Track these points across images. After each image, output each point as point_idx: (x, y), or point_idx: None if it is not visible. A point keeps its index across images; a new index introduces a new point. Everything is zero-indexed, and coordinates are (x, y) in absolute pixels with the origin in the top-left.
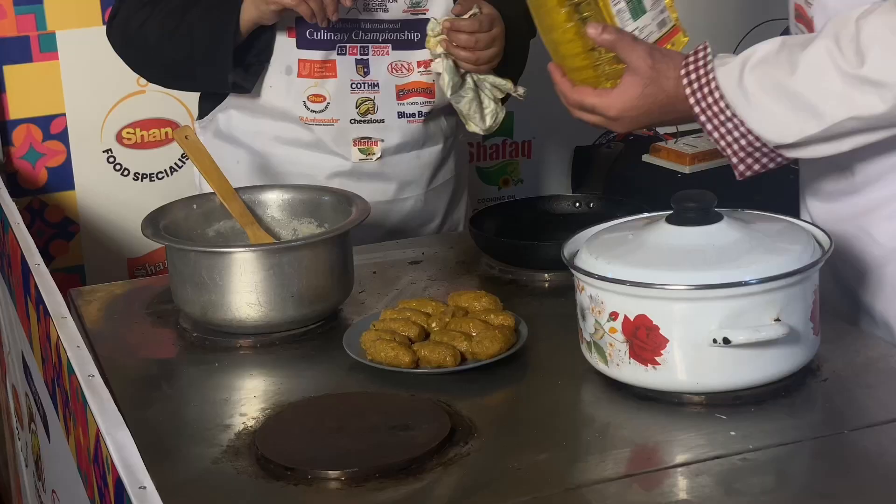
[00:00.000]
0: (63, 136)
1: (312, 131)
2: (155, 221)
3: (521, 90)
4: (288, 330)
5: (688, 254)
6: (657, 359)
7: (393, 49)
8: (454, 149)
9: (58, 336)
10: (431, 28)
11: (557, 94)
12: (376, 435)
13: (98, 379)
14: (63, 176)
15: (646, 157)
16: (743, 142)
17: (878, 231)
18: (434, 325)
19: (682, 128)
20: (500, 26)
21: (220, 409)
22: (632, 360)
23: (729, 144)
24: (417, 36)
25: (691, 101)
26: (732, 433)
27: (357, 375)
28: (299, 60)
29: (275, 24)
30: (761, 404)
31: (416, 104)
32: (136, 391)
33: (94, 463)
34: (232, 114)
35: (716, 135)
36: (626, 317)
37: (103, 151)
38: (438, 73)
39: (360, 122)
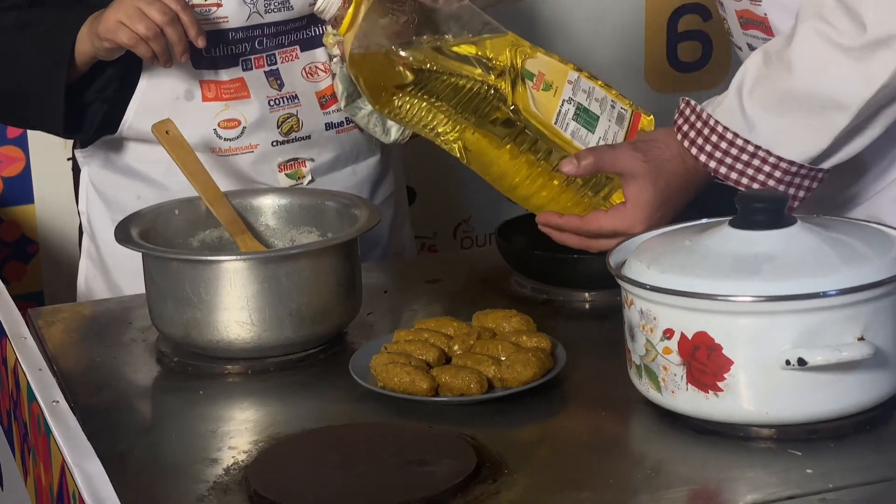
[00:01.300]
0: (21, 142)
1: (228, 162)
2: (128, 227)
3: None
4: (284, 354)
5: (756, 262)
6: (719, 384)
7: (302, 50)
8: (392, 157)
9: (16, 359)
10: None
11: (562, 243)
12: (389, 471)
13: (63, 404)
14: (21, 187)
15: None
16: (778, 174)
17: None
18: (456, 347)
19: None
20: None
21: (206, 442)
22: (689, 385)
23: (764, 184)
24: (325, 29)
25: (709, 163)
26: (808, 471)
27: (366, 405)
28: (201, 82)
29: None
30: (842, 439)
31: (343, 111)
32: (107, 423)
33: (58, 502)
34: (125, 141)
35: (745, 181)
36: (682, 335)
37: (68, 160)
38: (334, 74)
39: (283, 142)
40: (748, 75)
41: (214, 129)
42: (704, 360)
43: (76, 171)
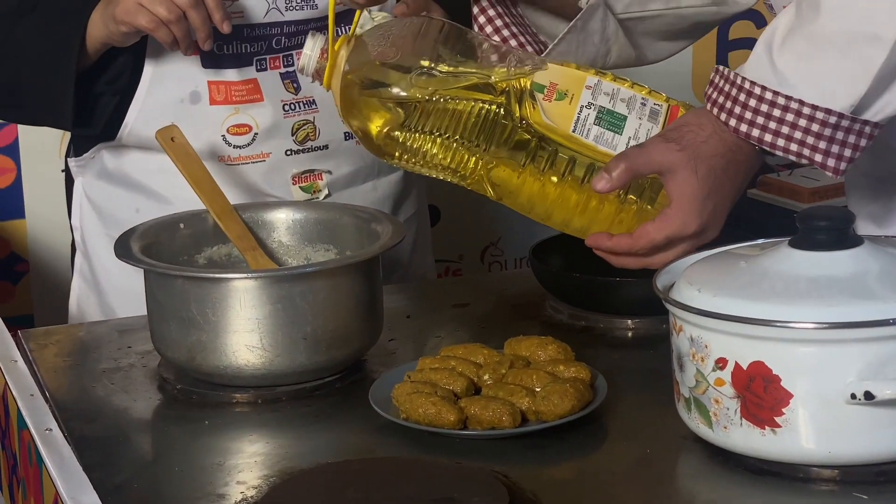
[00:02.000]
0: (12, 151)
1: (237, 172)
2: (128, 242)
3: None
4: (298, 382)
5: (818, 285)
6: (777, 420)
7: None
8: (416, 175)
9: (6, 383)
10: (360, 24)
11: (618, 265)
12: None
13: (57, 432)
14: (10, 200)
15: (752, 193)
16: (815, 127)
17: None
18: (487, 377)
19: None
20: None
21: (212, 476)
22: (744, 421)
23: (803, 143)
24: (347, 28)
25: (740, 127)
26: None
27: (387, 438)
28: (209, 83)
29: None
30: None
31: None
32: (104, 454)
33: None
34: (124, 148)
35: (781, 142)
36: (737, 364)
37: (62, 171)
38: None
39: (298, 152)
40: (779, 28)
41: (223, 136)
42: (761, 393)
43: (69, 182)
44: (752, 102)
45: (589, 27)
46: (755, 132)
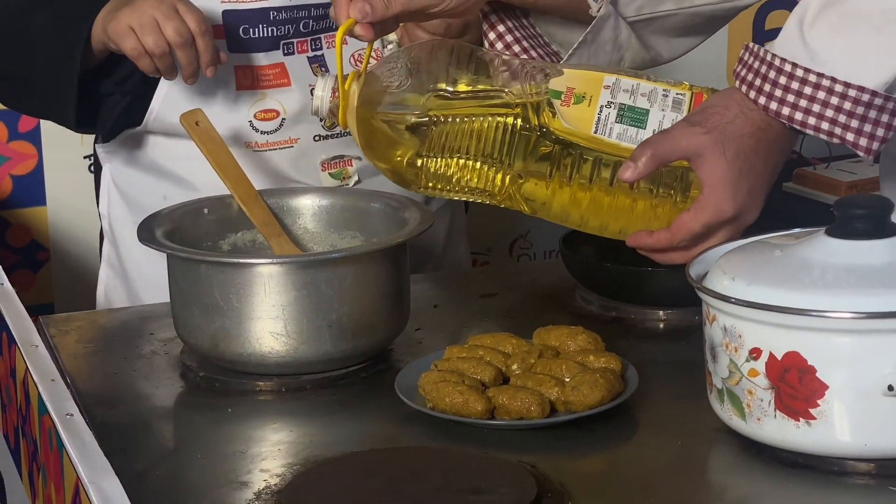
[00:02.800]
0: (34, 137)
1: (264, 159)
2: (152, 226)
3: None
4: (323, 371)
5: (855, 274)
6: (812, 412)
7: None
8: None
9: (27, 368)
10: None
11: (664, 262)
12: (439, 499)
13: (78, 417)
14: (32, 187)
15: (787, 186)
16: (847, 105)
17: None
18: (515, 366)
19: (833, 150)
20: (473, 35)
21: (235, 464)
22: (778, 413)
23: (834, 121)
24: None
25: (770, 104)
26: None
27: (413, 427)
28: (235, 68)
29: None
30: None
31: None
32: (125, 441)
33: None
34: (150, 135)
35: (812, 120)
36: (771, 355)
37: (84, 157)
38: None
39: (326, 137)
40: (811, 4)
41: (250, 121)
42: (795, 384)
43: (97, 168)
44: (783, 80)
45: (600, 38)
46: (785, 110)
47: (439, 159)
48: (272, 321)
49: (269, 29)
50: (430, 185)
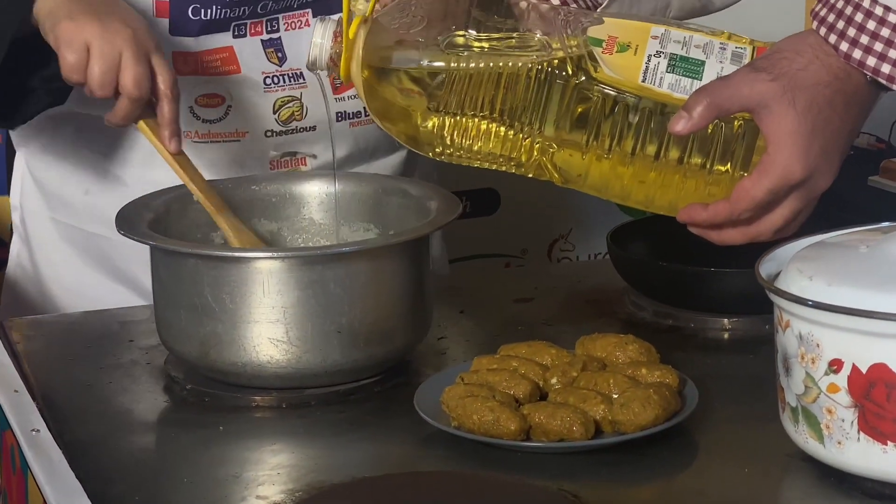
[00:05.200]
0: None
1: (206, 152)
2: (132, 215)
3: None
4: (330, 385)
5: None
6: None
7: (314, 15)
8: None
9: None
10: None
11: (721, 242)
12: None
13: (46, 434)
14: None
15: (873, 180)
16: None
17: None
18: (554, 380)
19: None
20: None
21: (227, 490)
22: (862, 435)
23: None
24: None
25: (853, 52)
26: None
27: (435, 450)
28: (174, 54)
29: None
30: None
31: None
32: (100, 462)
33: None
34: (74, 117)
35: None
36: (854, 367)
37: None
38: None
39: (280, 133)
40: None
41: (190, 107)
42: (883, 402)
43: (10, 154)
44: (872, 24)
45: None
46: (871, 61)
47: (458, 118)
48: (272, 325)
49: (223, 11)
50: (448, 150)
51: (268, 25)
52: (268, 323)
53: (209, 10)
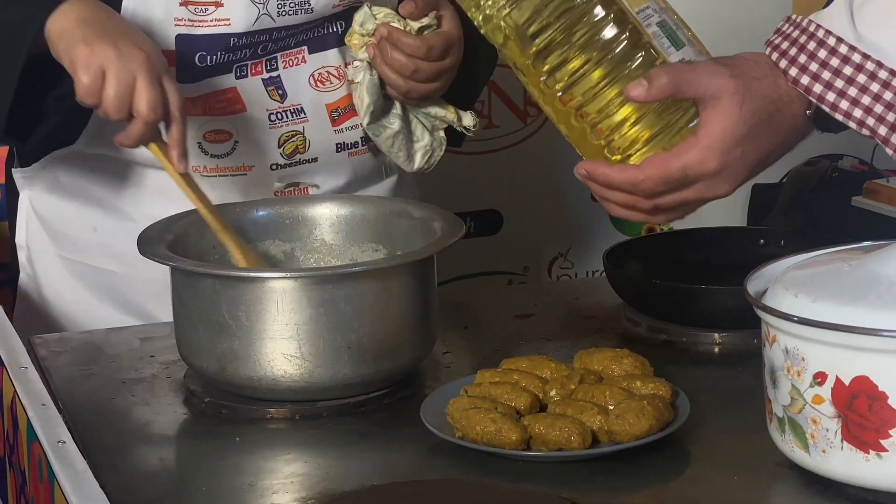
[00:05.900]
0: None
1: (215, 185)
2: (153, 236)
3: (469, 120)
4: (341, 397)
5: None
6: (883, 443)
7: (310, 52)
8: (411, 179)
9: (14, 392)
10: (361, 21)
11: (615, 213)
12: None
13: (71, 445)
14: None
15: (857, 200)
16: (888, 96)
17: None
18: (553, 392)
19: None
20: (455, 56)
21: (243, 498)
22: (845, 444)
23: (869, 110)
24: (342, 26)
25: (801, 78)
26: None
27: (440, 459)
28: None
29: None
30: None
31: (358, 128)
32: (123, 472)
33: None
34: (83, 156)
35: (845, 104)
36: (838, 380)
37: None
38: (353, 83)
39: (285, 166)
40: None
41: (199, 143)
42: (865, 413)
43: (12, 195)
44: (822, 54)
45: None
46: (817, 87)
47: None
48: (285, 342)
49: (226, 56)
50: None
51: (267, 65)
52: (282, 339)
53: (214, 57)
